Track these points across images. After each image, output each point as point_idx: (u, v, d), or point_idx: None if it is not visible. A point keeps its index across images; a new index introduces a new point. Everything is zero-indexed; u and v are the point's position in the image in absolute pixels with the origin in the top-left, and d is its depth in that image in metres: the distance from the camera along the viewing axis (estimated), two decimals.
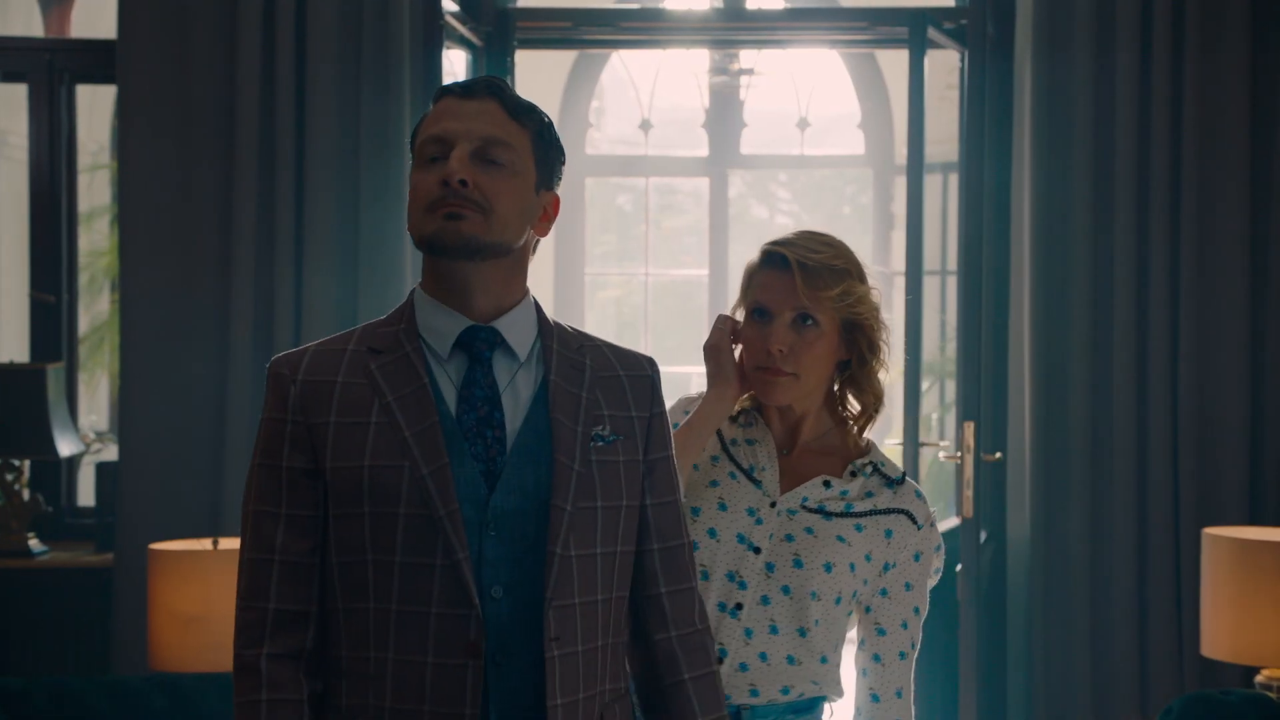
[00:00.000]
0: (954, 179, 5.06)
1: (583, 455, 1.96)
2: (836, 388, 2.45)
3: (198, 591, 3.69)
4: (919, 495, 2.45)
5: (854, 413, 2.45)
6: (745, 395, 2.47)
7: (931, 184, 4.56)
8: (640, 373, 2.08)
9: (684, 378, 9.77)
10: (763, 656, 2.34)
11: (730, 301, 2.47)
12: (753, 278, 2.41)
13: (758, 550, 2.36)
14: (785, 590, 2.34)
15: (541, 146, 1.99)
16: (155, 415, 4.36)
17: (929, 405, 7.02)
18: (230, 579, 3.63)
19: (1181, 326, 4.24)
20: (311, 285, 4.29)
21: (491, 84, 1.98)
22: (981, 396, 4.35)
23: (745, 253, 2.50)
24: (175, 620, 3.69)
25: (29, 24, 6.50)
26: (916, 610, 2.44)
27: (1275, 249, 4.27)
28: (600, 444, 1.99)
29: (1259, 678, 3.76)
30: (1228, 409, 4.25)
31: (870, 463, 2.44)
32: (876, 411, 2.45)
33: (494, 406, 1.95)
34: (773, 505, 2.38)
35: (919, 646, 2.46)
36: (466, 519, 1.90)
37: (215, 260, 4.35)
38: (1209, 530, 3.82)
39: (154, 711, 3.58)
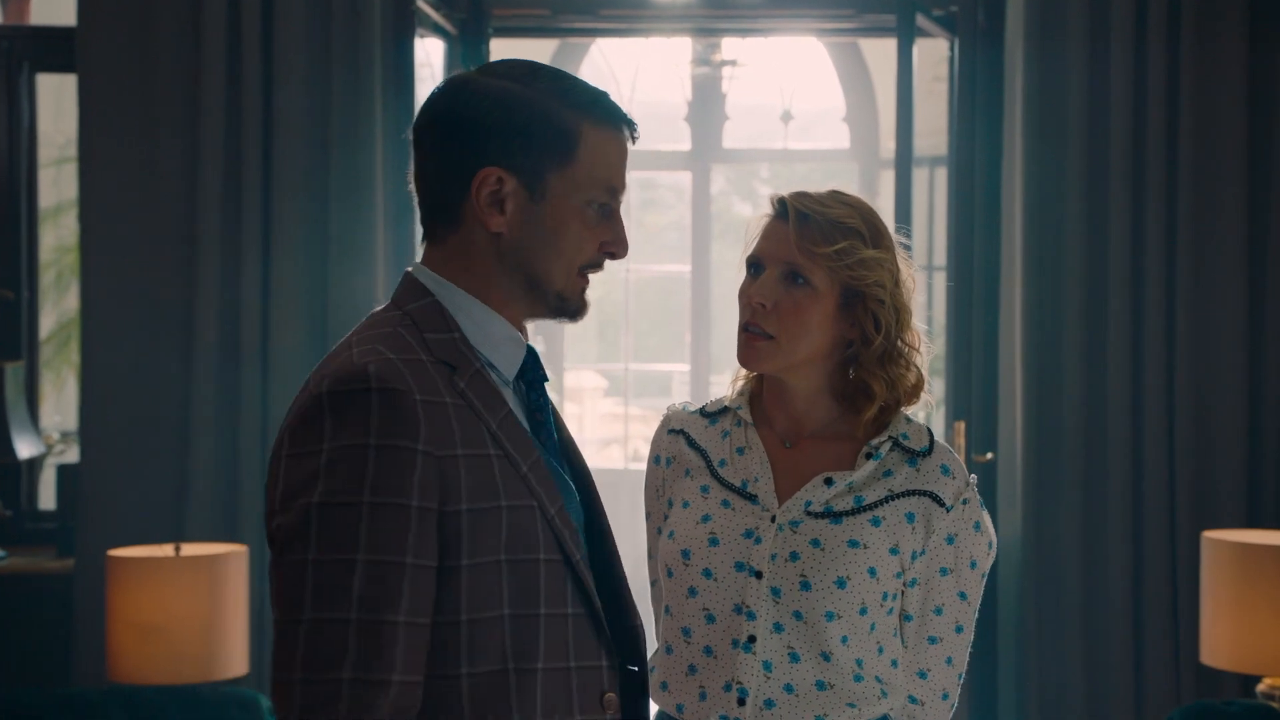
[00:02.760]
0: (941, 173, 4.98)
1: None
2: (851, 374, 2.18)
3: (158, 600, 3.58)
4: (946, 470, 2.16)
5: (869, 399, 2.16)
6: (742, 379, 2.26)
7: (918, 178, 4.48)
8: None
9: (665, 376, 9.67)
10: (788, 689, 2.10)
11: (712, 298, 2.32)
12: (756, 228, 2.19)
13: (760, 575, 2.11)
14: (797, 615, 2.10)
15: None
16: (118, 416, 4.25)
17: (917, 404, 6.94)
18: (192, 586, 3.56)
19: (1178, 322, 4.17)
20: (279, 283, 4.18)
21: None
22: (972, 395, 4.33)
23: (727, 249, 2.33)
24: (134, 630, 3.58)
25: None
26: (962, 595, 2.18)
27: (1274, 243, 4.20)
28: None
29: (1260, 687, 3.67)
30: (1225, 406, 4.18)
31: (889, 438, 2.16)
32: (898, 404, 2.18)
33: (555, 431, 1.82)
34: (773, 520, 2.14)
35: (969, 631, 2.21)
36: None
37: (180, 256, 4.25)
38: (1209, 534, 3.73)
39: None
